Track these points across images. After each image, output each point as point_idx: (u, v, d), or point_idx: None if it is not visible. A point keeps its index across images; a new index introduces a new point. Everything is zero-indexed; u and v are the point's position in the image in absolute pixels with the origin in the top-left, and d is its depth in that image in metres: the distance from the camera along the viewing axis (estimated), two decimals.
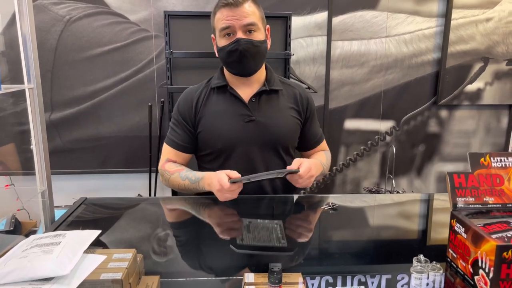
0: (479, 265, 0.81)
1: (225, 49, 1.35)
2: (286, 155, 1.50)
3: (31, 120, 1.20)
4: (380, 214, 1.42)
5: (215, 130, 1.42)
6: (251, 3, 1.34)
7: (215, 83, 1.45)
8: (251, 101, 1.43)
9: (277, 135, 1.44)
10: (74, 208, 1.30)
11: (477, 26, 2.58)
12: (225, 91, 1.44)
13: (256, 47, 1.35)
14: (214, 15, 1.37)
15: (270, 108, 1.44)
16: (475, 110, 2.73)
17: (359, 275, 0.91)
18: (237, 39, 1.32)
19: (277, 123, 1.44)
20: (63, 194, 2.07)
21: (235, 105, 1.43)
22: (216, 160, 1.45)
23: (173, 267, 1.02)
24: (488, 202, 0.93)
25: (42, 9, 2.31)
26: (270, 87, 1.44)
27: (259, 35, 1.36)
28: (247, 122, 1.41)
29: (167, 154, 1.48)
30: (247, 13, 1.32)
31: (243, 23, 1.31)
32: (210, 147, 1.45)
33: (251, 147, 1.42)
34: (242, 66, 1.38)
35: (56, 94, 2.41)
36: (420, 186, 2.81)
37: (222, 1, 1.32)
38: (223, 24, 1.32)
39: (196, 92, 1.47)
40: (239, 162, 1.43)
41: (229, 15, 1.31)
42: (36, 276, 0.73)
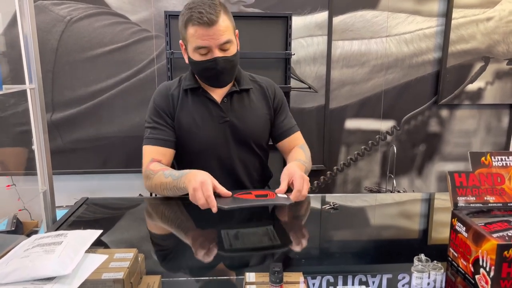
0: (480, 264, 0.81)
1: (201, 64, 1.34)
2: (260, 150, 1.53)
3: (32, 120, 1.20)
4: (381, 214, 1.42)
5: (191, 132, 1.42)
6: (224, 16, 1.31)
7: (187, 85, 1.45)
8: (223, 102, 1.44)
9: (250, 134, 1.47)
10: (75, 208, 1.30)
11: (477, 25, 2.58)
12: (197, 93, 1.45)
13: (232, 61, 1.36)
14: (185, 27, 1.32)
15: (241, 107, 1.46)
16: (476, 110, 2.73)
17: (360, 274, 0.91)
18: (214, 59, 1.32)
19: (250, 123, 1.46)
20: (64, 194, 2.07)
21: (209, 107, 1.44)
22: (193, 161, 1.43)
23: (174, 267, 1.02)
24: (489, 201, 0.93)
25: (43, 10, 2.32)
26: (240, 87, 1.46)
27: (233, 49, 1.36)
28: (222, 123, 1.44)
29: (150, 155, 1.41)
30: (223, 31, 1.29)
31: (219, 42, 1.30)
32: (188, 149, 1.45)
33: (227, 147, 1.45)
34: (220, 81, 1.40)
35: (57, 95, 2.42)
36: (421, 186, 2.81)
37: (196, 18, 1.27)
38: (199, 44, 1.30)
39: (171, 89, 1.47)
40: (216, 162, 1.45)
41: (204, 35, 1.28)
42: (38, 276, 0.73)
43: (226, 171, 1.46)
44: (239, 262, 1.05)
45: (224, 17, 1.31)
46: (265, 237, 1.15)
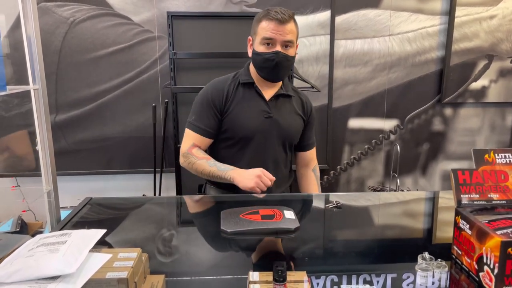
0: (484, 261, 0.81)
1: (263, 55, 1.51)
2: (289, 150, 1.69)
3: (36, 120, 1.21)
4: (385, 213, 1.42)
5: (239, 120, 1.57)
6: (293, 23, 1.51)
7: (243, 79, 1.61)
8: (271, 100, 1.60)
9: (287, 133, 1.62)
10: (79, 208, 1.31)
11: (481, 23, 2.57)
12: (251, 88, 1.60)
13: (289, 61, 1.54)
14: (259, 22, 1.51)
15: (284, 109, 1.63)
16: (480, 108, 2.72)
17: (364, 273, 0.91)
18: (277, 51, 1.49)
19: (289, 123, 1.62)
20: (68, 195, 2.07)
21: (258, 102, 1.59)
22: (234, 146, 1.60)
23: (178, 267, 1.02)
24: (493, 198, 0.93)
25: (46, 12, 2.33)
26: (286, 92, 1.63)
27: (292, 51, 1.54)
28: (266, 118, 1.58)
29: (192, 139, 1.60)
30: (289, 31, 1.49)
31: (284, 39, 1.49)
32: (232, 134, 1.59)
33: (265, 139, 1.58)
34: (273, 74, 1.55)
35: (61, 96, 2.43)
36: (425, 185, 2.80)
37: (272, 15, 1.47)
38: (267, 35, 1.48)
39: (226, 83, 1.62)
40: (253, 151, 1.58)
41: (274, 29, 1.47)
42: (43, 275, 0.74)
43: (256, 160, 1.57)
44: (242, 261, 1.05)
45: (293, 24, 1.51)
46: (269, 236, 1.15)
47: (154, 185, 2.50)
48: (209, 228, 1.23)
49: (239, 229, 1.12)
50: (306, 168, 1.78)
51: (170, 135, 2.49)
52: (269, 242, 1.13)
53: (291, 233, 1.13)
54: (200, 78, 2.34)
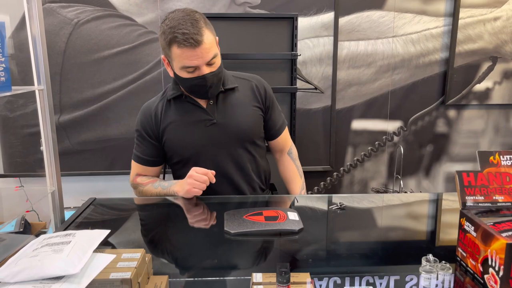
0: (489, 263, 0.81)
1: (189, 81, 1.35)
2: (254, 147, 1.52)
3: (41, 121, 1.21)
4: (388, 215, 1.41)
5: (179, 139, 1.45)
6: (207, 31, 1.30)
7: (171, 94, 1.46)
8: (209, 105, 1.45)
9: (240, 133, 1.46)
10: (83, 208, 1.31)
11: (485, 25, 2.56)
12: (182, 101, 1.46)
13: (219, 74, 1.38)
14: (169, 47, 1.31)
15: (229, 107, 1.46)
16: (484, 110, 2.71)
17: (367, 275, 0.90)
18: (203, 76, 1.33)
19: (238, 121, 1.46)
20: (72, 195, 2.08)
21: (194, 112, 1.44)
22: (186, 166, 1.45)
23: (181, 267, 1.02)
24: (498, 200, 0.92)
25: (50, 13, 2.34)
26: (224, 87, 1.46)
27: (218, 61, 1.37)
28: (209, 126, 1.44)
29: (136, 170, 1.55)
30: (208, 49, 1.30)
31: (207, 60, 1.31)
32: (178, 156, 1.49)
33: (218, 149, 1.45)
34: (209, 95, 1.40)
35: (65, 97, 2.43)
36: (429, 187, 2.79)
37: (181, 41, 1.26)
38: (187, 64, 1.30)
39: (153, 105, 1.50)
40: (209, 165, 1.43)
41: (192, 56, 1.28)
42: (47, 275, 0.74)
43: (220, 175, 1.45)
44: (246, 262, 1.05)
45: (207, 33, 1.30)
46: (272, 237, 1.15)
47: None
48: (212, 229, 1.22)
49: (243, 230, 1.12)
50: (281, 153, 1.65)
51: None
52: (272, 243, 1.13)
53: (295, 235, 1.13)
54: None
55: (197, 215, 1.34)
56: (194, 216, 1.34)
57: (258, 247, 1.12)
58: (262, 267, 1.01)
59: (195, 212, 1.36)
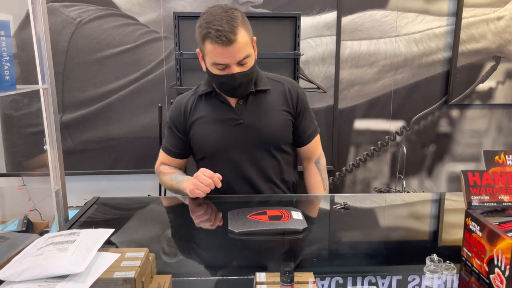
0: (495, 263, 0.80)
1: (219, 78, 1.34)
2: (280, 152, 1.48)
3: (45, 120, 1.21)
4: (391, 214, 1.41)
5: (204, 135, 1.45)
6: (242, 31, 1.28)
7: (202, 90, 1.46)
8: (239, 104, 1.43)
9: (266, 136, 1.44)
10: (87, 207, 1.31)
11: (488, 24, 2.56)
12: (212, 98, 1.46)
13: (249, 75, 1.35)
14: (203, 41, 1.30)
15: (258, 109, 1.44)
16: (487, 110, 2.71)
17: (369, 275, 0.90)
18: (232, 75, 1.31)
19: (266, 124, 1.43)
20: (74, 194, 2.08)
21: (222, 110, 1.44)
22: (210, 164, 1.44)
23: (184, 267, 1.02)
24: (503, 200, 0.92)
25: (53, 12, 2.34)
26: (256, 88, 1.43)
27: (251, 62, 1.34)
28: (235, 126, 1.42)
29: (161, 159, 1.58)
30: (241, 49, 1.28)
31: (237, 59, 1.29)
32: (202, 152, 1.49)
33: (240, 150, 1.43)
34: (238, 93, 1.40)
35: (68, 96, 2.44)
36: (431, 187, 2.79)
37: (214, 37, 1.24)
38: (217, 61, 1.29)
39: (185, 99, 1.50)
40: (231, 166, 1.44)
41: (223, 53, 1.27)
42: (52, 274, 0.74)
43: (239, 176, 1.45)
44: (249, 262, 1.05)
45: (242, 32, 1.28)
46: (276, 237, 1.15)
47: (160, 185, 2.50)
48: (216, 228, 1.22)
49: (247, 229, 1.12)
50: (308, 161, 1.60)
51: None
52: (276, 242, 1.12)
53: (299, 234, 1.13)
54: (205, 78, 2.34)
55: (201, 215, 1.34)
56: (198, 215, 1.34)
57: (261, 247, 1.12)
58: (266, 266, 1.01)
59: (199, 211, 1.36)
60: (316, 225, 1.27)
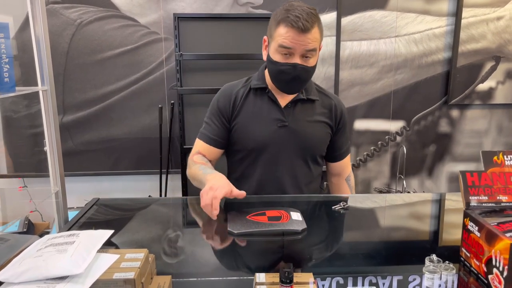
0: (493, 264, 0.80)
1: (278, 65, 1.34)
2: (313, 163, 1.51)
3: (45, 121, 1.21)
4: (391, 215, 1.41)
5: (248, 130, 1.44)
6: (316, 28, 1.31)
7: (255, 84, 1.46)
8: (287, 107, 1.44)
9: (306, 143, 1.45)
10: (87, 208, 1.32)
11: (488, 24, 2.56)
12: (263, 94, 1.45)
13: (308, 72, 1.36)
14: (277, 26, 1.32)
15: (304, 116, 1.45)
16: (487, 110, 2.70)
17: (370, 276, 0.90)
18: (294, 64, 1.32)
19: (308, 132, 1.45)
20: (75, 195, 2.09)
21: (271, 109, 1.44)
22: (244, 159, 1.47)
23: (184, 267, 1.02)
24: (502, 200, 0.92)
25: (54, 13, 2.35)
26: (307, 96, 1.45)
27: (313, 61, 1.36)
28: (280, 127, 1.43)
29: (198, 147, 1.49)
30: (312, 40, 1.30)
31: (304, 49, 1.30)
32: (241, 145, 1.46)
33: (280, 152, 1.44)
34: (290, 88, 1.40)
35: (68, 97, 2.44)
36: (431, 187, 2.79)
37: (291, 21, 1.27)
38: (285, 44, 1.29)
39: (235, 89, 1.48)
40: (266, 164, 1.44)
41: (294, 38, 1.28)
42: (51, 275, 0.74)
43: (271, 175, 1.45)
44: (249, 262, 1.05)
45: (316, 29, 1.31)
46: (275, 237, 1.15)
47: (160, 186, 2.50)
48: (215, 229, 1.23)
49: (246, 230, 1.12)
50: (338, 177, 1.62)
51: (176, 136, 2.49)
52: (275, 243, 1.13)
53: (298, 235, 1.13)
54: (206, 79, 2.35)
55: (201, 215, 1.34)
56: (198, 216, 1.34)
57: (261, 247, 1.12)
58: (265, 267, 1.01)
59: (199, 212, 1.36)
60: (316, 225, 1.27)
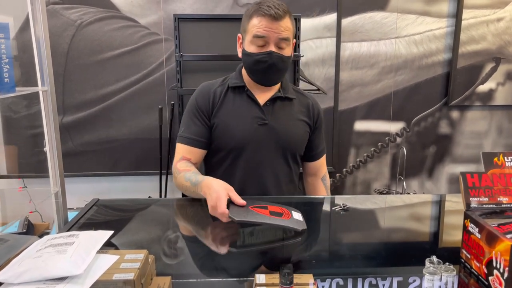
0: (494, 265, 0.80)
1: (254, 56, 1.36)
2: (293, 162, 1.51)
3: (44, 122, 1.21)
4: (391, 216, 1.41)
5: (228, 128, 1.43)
6: (289, 19, 1.36)
7: (233, 83, 1.46)
8: (266, 105, 1.44)
9: (287, 141, 1.46)
10: (86, 209, 1.31)
11: (488, 26, 2.56)
12: (242, 92, 1.46)
13: (284, 62, 1.38)
14: (250, 18, 1.36)
15: (283, 114, 1.46)
16: (487, 111, 2.71)
17: (370, 277, 0.90)
18: (269, 52, 1.33)
19: (288, 129, 1.46)
20: (74, 196, 2.08)
21: (250, 107, 1.44)
22: (224, 158, 1.45)
23: (184, 268, 1.02)
24: (502, 202, 0.92)
25: (54, 14, 2.35)
26: (285, 94, 1.46)
27: (288, 51, 1.38)
28: (260, 125, 1.42)
29: (181, 153, 1.46)
30: (284, 28, 1.33)
31: (278, 37, 1.33)
32: (221, 145, 1.45)
33: (260, 150, 1.43)
34: (266, 78, 1.40)
35: (68, 98, 2.44)
36: (431, 188, 2.79)
37: (264, 10, 1.31)
38: (259, 33, 1.32)
39: (213, 87, 1.48)
40: (247, 164, 1.43)
41: (267, 26, 1.32)
42: (51, 276, 0.74)
43: (252, 175, 1.44)
44: (249, 263, 1.05)
45: (288, 19, 1.35)
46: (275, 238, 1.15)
47: (160, 187, 2.50)
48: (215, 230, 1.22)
49: (247, 219, 1.10)
50: (314, 177, 1.63)
51: (176, 137, 2.48)
52: (275, 244, 1.12)
53: (298, 235, 1.13)
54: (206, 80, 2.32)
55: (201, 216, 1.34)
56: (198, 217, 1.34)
57: (261, 248, 1.12)
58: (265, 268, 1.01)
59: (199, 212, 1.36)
60: (316, 226, 1.27)
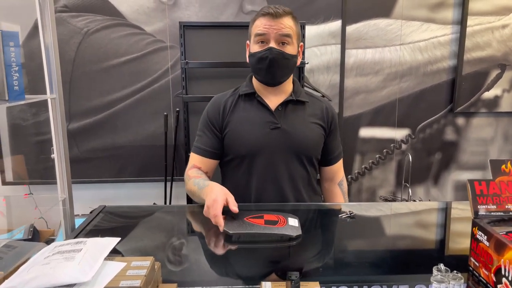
0: (502, 273, 0.80)
1: (256, 55, 1.39)
2: (310, 165, 1.50)
3: (53, 129, 1.22)
4: (397, 223, 1.40)
5: (240, 135, 1.44)
6: (290, 19, 1.39)
7: (243, 91, 1.48)
8: (278, 110, 1.45)
9: (301, 144, 1.45)
10: (93, 216, 1.32)
11: (493, 32, 2.56)
12: (252, 99, 1.47)
13: (286, 59, 1.38)
14: (253, 22, 1.41)
15: (295, 117, 1.46)
16: (493, 118, 2.69)
17: (375, 284, 0.90)
18: (269, 47, 1.36)
19: (302, 133, 1.45)
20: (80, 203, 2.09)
21: (261, 113, 1.45)
22: (239, 166, 1.46)
23: (190, 276, 1.02)
24: (510, 209, 0.91)
25: (61, 22, 2.37)
26: (296, 98, 1.47)
27: (291, 49, 1.40)
28: (273, 129, 1.43)
29: (192, 161, 1.50)
30: (284, 26, 1.36)
31: (278, 33, 1.36)
32: (234, 152, 1.46)
33: (275, 155, 1.43)
34: (269, 75, 1.41)
35: (74, 105, 2.46)
36: (437, 195, 2.77)
37: (263, 11, 1.37)
38: (259, 31, 1.37)
39: (224, 98, 1.51)
40: (262, 169, 1.43)
41: (266, 24, 1.36)
42: (58, 283, 0.74)
43: (269, 181, 1.44)
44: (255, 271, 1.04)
45: (290, 20, 1.39)
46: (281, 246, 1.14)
47: (165, 193, 2.50)
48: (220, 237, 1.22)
49: (241, 231, 1.13)
50: (331, 182, 1.61)
51: (181, 143, 2.50)
52: (281, 251, 1.12)
53: (292, 240, 1.13)
54: (212, 87, 2.36)
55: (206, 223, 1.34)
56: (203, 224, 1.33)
57: (267, 256, 1.12)
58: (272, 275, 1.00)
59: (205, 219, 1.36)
60: (322, 234, 1.27)
